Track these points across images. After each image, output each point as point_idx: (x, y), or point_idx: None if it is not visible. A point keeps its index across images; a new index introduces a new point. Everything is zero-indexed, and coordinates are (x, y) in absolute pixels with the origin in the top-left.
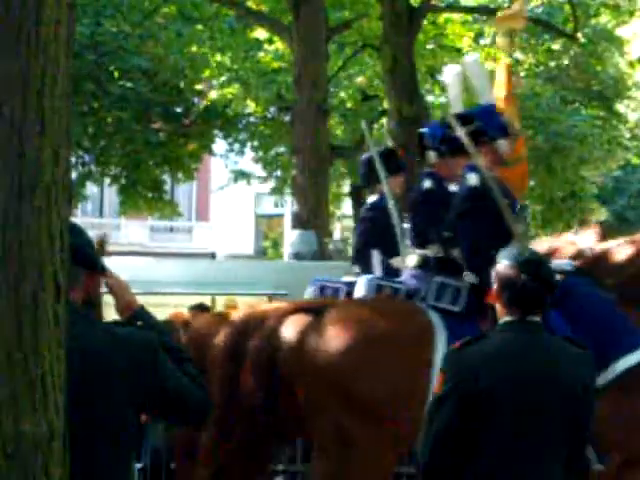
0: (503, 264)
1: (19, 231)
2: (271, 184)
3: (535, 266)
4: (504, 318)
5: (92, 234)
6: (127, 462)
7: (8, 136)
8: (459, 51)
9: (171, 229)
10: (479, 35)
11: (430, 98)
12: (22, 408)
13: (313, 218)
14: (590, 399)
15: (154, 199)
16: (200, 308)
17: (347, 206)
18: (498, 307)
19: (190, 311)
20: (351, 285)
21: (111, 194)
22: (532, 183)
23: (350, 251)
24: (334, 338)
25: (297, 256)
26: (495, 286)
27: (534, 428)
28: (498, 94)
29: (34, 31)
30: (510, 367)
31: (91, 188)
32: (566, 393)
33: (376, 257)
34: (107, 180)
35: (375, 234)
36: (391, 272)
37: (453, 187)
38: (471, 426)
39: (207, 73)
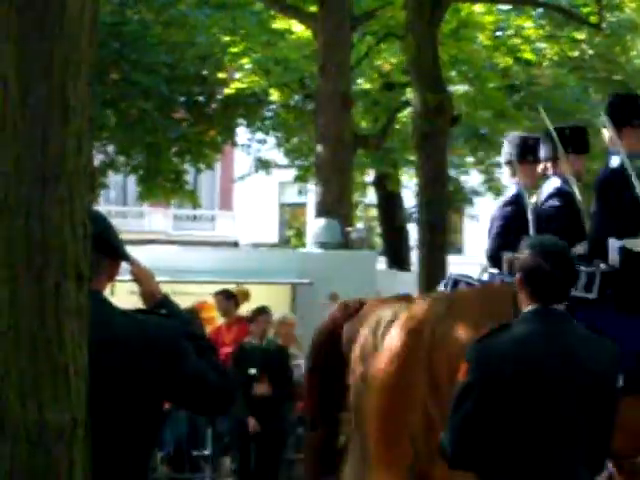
0: (526, 253)
1: (42, 220)
2: (294, 172)
3: (558, 255)
4: (528, 307)
5: (115, 222)
6: (147, 449)
7: (31, 125)
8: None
9: (194, 217)
10: (502, 27)
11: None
12: (45, 396)
13: (337, 207)
14: (613, 391)
15: (174, 189)
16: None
17: (371, 195)
18: (521, 296)
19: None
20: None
21: (134, 182)
22: None
23: (373, 240)
24: None
25: (321, 245)
26: (518, 275)
27: (557, 418)
28: None
29: (58, 20)
30: (534, 356)
31: (115, 176)
32: (589, 384)
33: None
34: (128, 169)
35: None
36: None
37: None
38: (495, 415)
39: (229, 62)
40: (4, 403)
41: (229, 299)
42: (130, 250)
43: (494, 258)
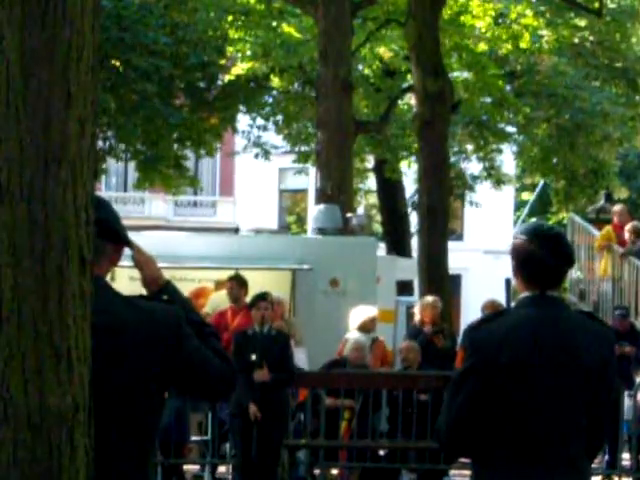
0: (521, 239)
1: (45, 204)
2: (293, 158)
3: (554, 241)
4: (523, 294)
5: (116, 208)
6: (149, 435)
7: (34, 109)
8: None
9: (195, 204)
10: (501, 14)
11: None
12: (47, 381)
13: (337, 193)
14: (609, 376)
15: (174, 175)
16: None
17: (371, 181)
18: (517, 282)
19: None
20: None
21: (135, 169)
22: (555, 160)
23: (374, 227)
24: None
25: (321, 231)
26: (513, 262)
27: (554, 404)
28: None
29: (60, 4)
30: (531, 341)
31: (115, 163)
32: (586, 368)
33: None
34: (128, 155)
35: None
36: None
37: None
38: (492, 401)
39: (230, 47)
40: (6, 388)
41: (242, 286)
42: (130, 236)
43: None
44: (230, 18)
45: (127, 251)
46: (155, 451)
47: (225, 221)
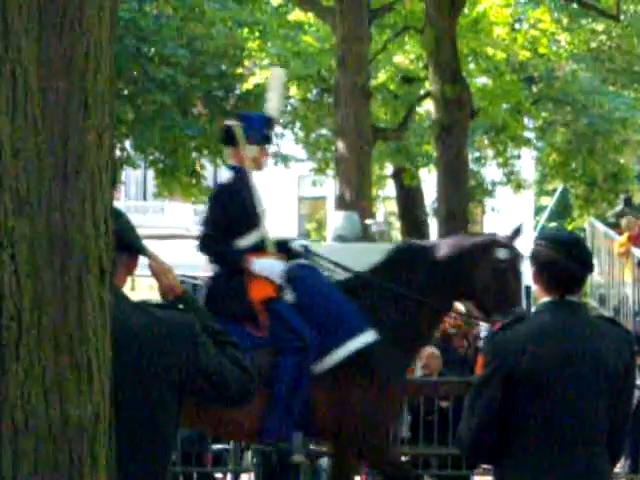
0: (541, 245)
1: (64, 215)
2: (312, 165)
3: (573, 246)
4: (543, 299)
5: (136, 217)
6: (167, 444)
7: (52, 120)
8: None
9: None
10: (518, 20)
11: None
12: (68, 391)
13: (356, 200)
14: (631, 380)
15: (191, 185)
16: None
17: (390, 188)
18: (537, 288)
19: None
20: None
21: (154, 178)
22: (574, 165)
23: (394, 234)
24: None
25: (340, 238)
26: (534, 267)
27: (576, 408)
28: None
29: (78, 16)
30: (551, 347)
31: (134, 172)
32: (607, 373)
33: None
34: (145, 164)
35: None
36: None
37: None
38: (513, 408)
39: (247, 57)
40: (27, 398)
41: None
42: (150, 245)
43: None
44: (246, 30)
45: (147, 260)
46: (170, 461)
47: None
